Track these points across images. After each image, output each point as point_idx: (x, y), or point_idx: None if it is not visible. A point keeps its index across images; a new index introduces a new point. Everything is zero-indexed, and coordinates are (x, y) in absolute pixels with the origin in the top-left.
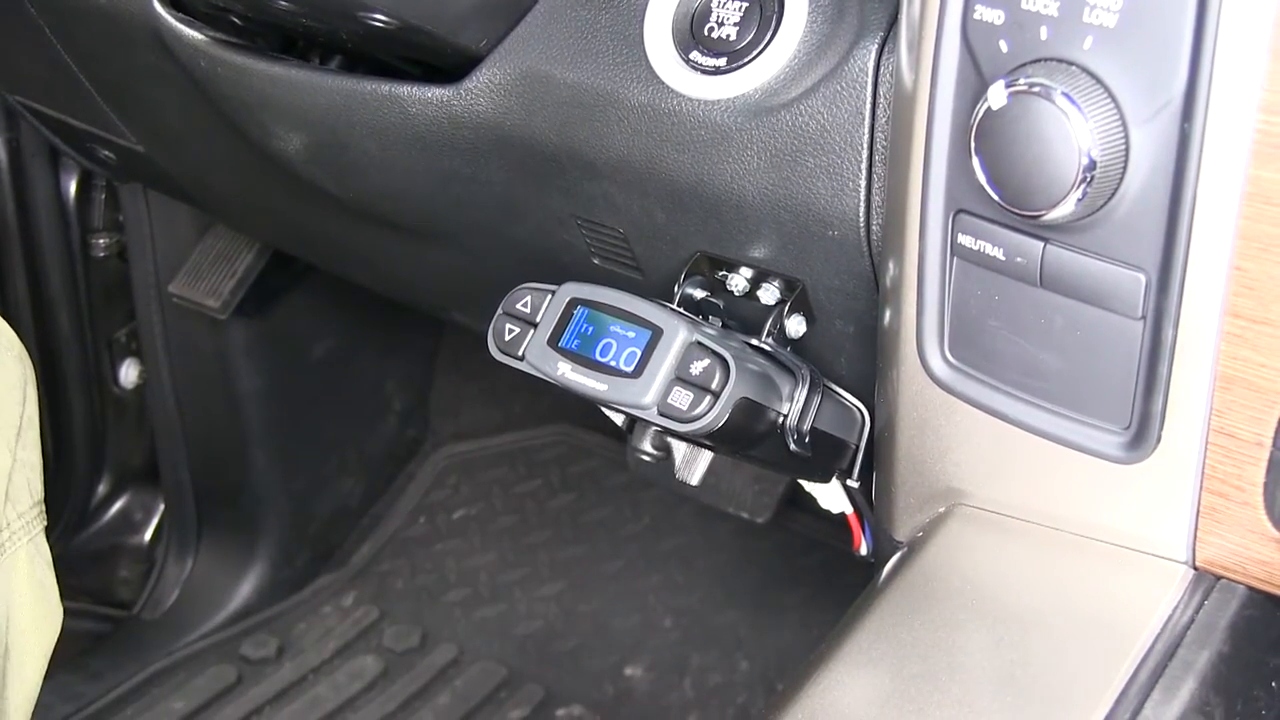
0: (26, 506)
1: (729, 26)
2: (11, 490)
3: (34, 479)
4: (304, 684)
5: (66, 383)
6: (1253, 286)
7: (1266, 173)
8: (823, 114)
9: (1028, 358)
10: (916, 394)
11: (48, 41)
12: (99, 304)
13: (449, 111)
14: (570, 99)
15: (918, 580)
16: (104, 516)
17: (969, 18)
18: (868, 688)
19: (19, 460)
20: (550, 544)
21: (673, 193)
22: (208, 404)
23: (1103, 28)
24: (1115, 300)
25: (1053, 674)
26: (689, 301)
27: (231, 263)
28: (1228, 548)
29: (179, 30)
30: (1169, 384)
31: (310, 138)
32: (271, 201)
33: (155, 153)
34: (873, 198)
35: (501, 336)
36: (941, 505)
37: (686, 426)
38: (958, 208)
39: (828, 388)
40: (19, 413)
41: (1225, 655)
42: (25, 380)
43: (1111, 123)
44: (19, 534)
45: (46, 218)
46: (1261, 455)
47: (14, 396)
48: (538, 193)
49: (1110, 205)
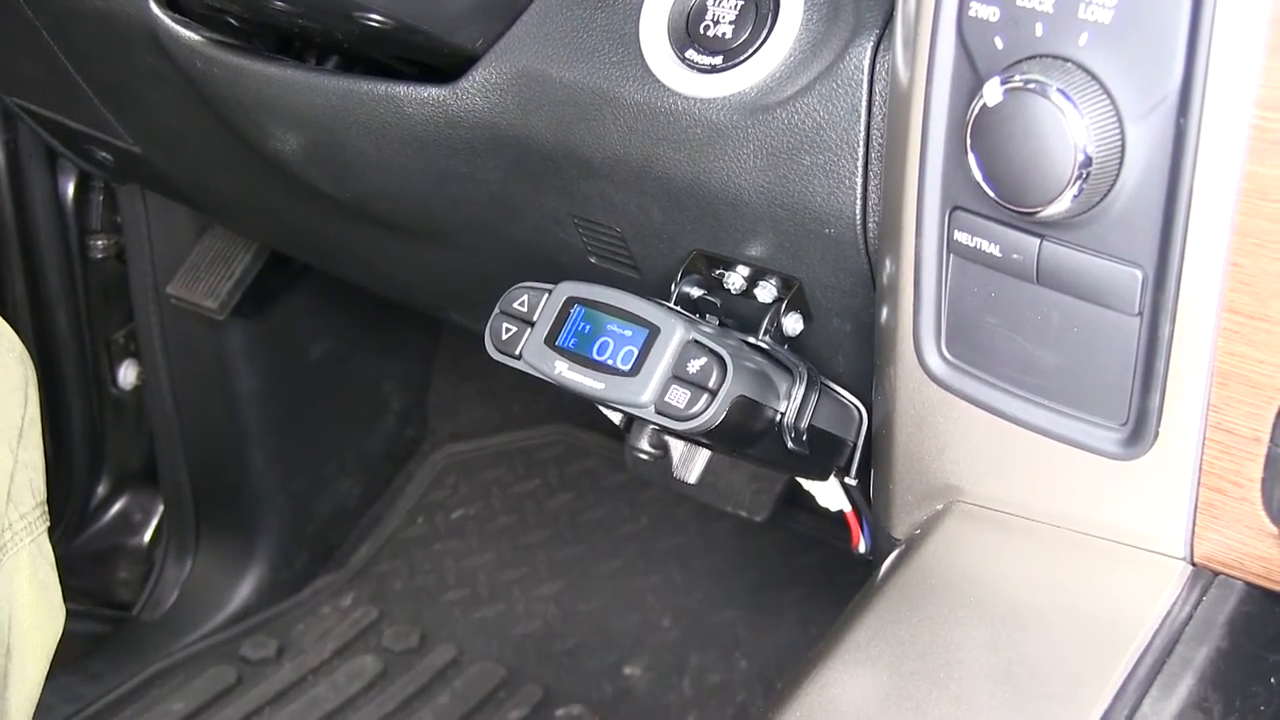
0: (29, 507)
1: (724, 25)
2: (14, 491)
3: (36, 479)
4: (303, 684)
5: (65, 384)
6: (1249, 282)
7: (1263, 168)
8: (819, 112)
9: (1025, 354)
10: (914, 391)
11: (45, 43)
12: (97, 305)
13: (445, 111)
14: (566, 98)
15: (916, 578)
16: (103, 518)
17: (964, 15)
18: (866, 686)
19: (21, 461)
20: (549, 544)
21: (669, 191)
22: (206, 405)
23: (1098, 24)
24: (1112, 296)
25: (1051, 671)
26: (686, 300)
27: (229, 264)
28: (1225, 543)
29: (175, 31)
30: (1166, 380)
31: (307, 138)
32: (269, 202)
33: (153, 154)
34: (869, 195)
35: (499, 336)
36: (939, 502)
37: (684, 425)
38: (954, 205)
39: (825, 385)
40: (21, 414)
41: (1223, 651)
42: (27, 381)
43: (1107, 119)
44: (21, 534)
45: (44, 219)
46: (1259, 451)
47: (15, 398)
48: (534, 192)
49: (1106, 201)
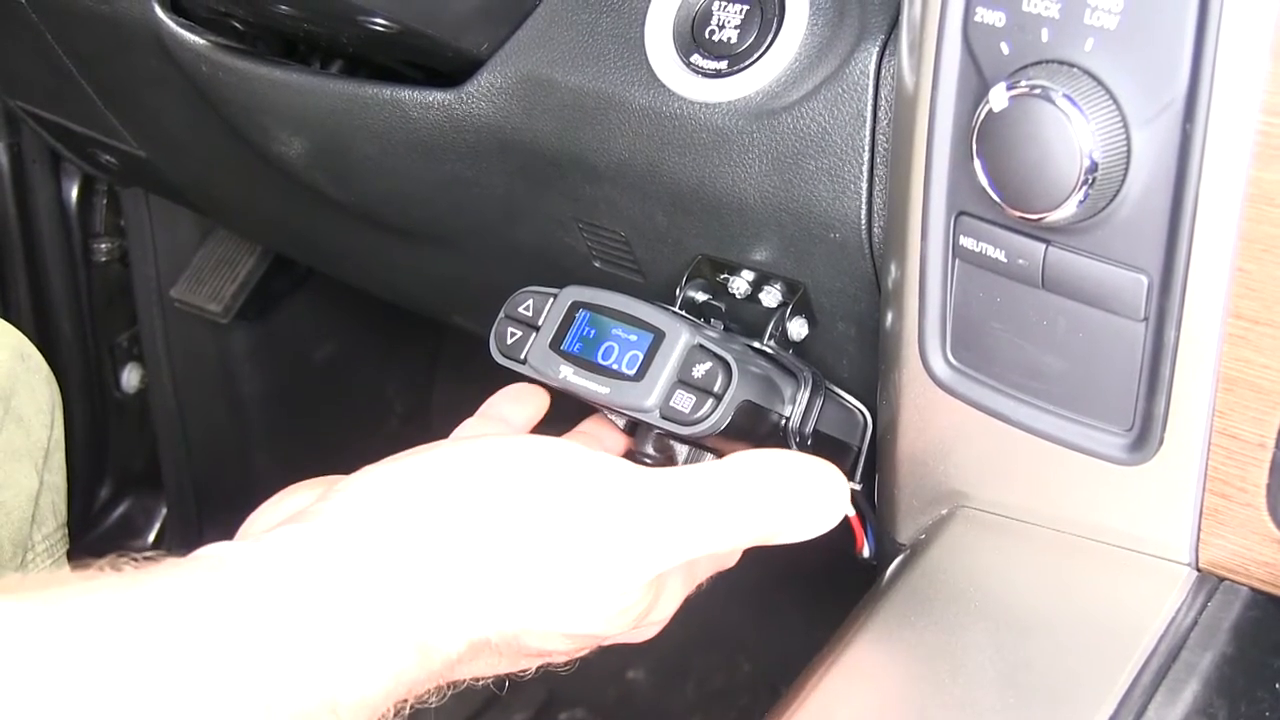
0: (52, 529)
1: (730, 29)
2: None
3: (59, 501)
4: None
5: (68, 388)
6: (1255, 288)
7: (1268, 174)
8: (824, 116)
9: (1030, 360)
10: (918, 396)
11: (49, 46)
12: (101, 309)
13: (450, 115)
14: (571, 102)
15: (920, 582)
16: (106, 521)
17: (970, 20)
18: (870, 690)
19: (46, 484)
20: None
21: (674, 196)
22: (209, 408)
23: (1104, 29)
24: (1117, 302)
25: (1056, 676)
26: (691, 304)
27: (233, 267)
28: (1231, 549)
29: (180, 35)
30: (1171, 386)
31: (311, 142)
32: (272, 206)
33: (157, 157)
34: (874, 200)
35: (503, 340)
36: (944, 507)
37: (689, 429)
38: (959, 210)
39: (830, 390)
40: (47, 435)
41: (1229, 657)
42: (54, 403)
43: (1113, 124)
44: (43, 556)
45: (48, 223)
46: (1264, 457)
47: (43, 419)
48: (539, 196)
49: (1112, 207)
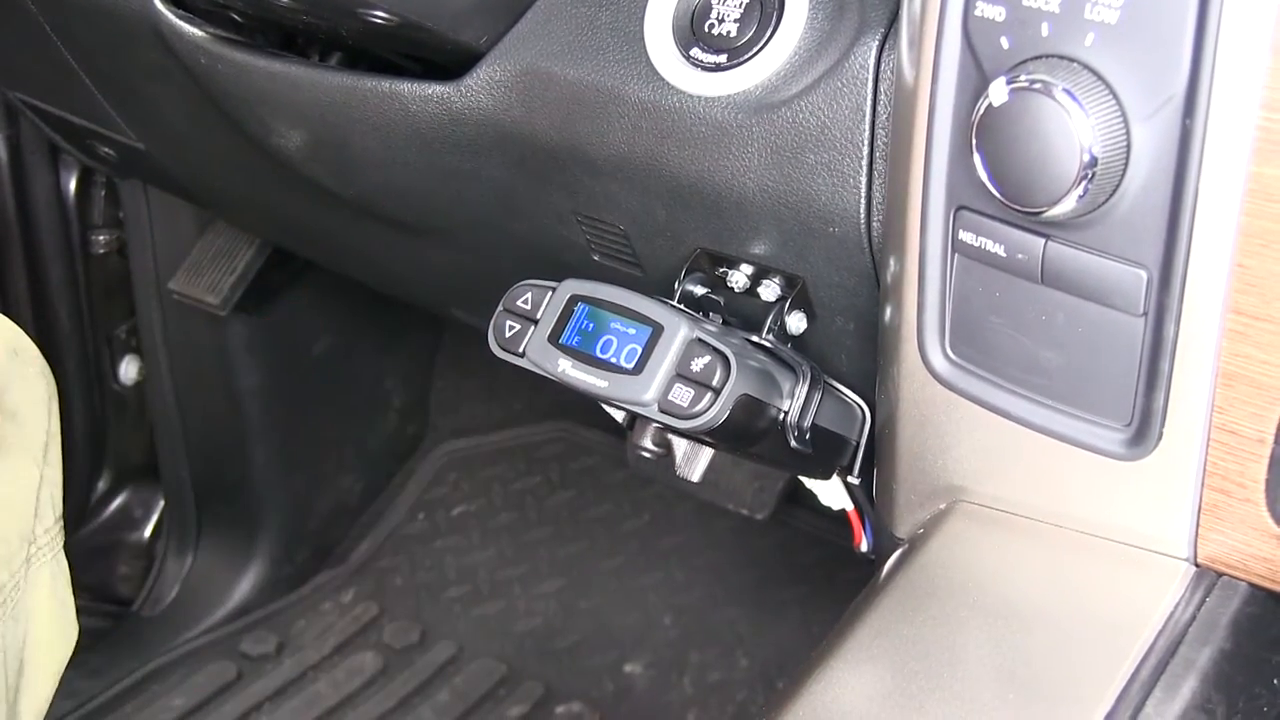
0: (50, 522)
1: (729, 23)
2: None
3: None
4: (303, 681)
5: (66, 379)
6: (1254, 283)
7: (1268, 169)
8: (823, 110)
9: (1029, 354)
10: (917, 390)
11: (48, 38)
12: (99, 301)
13: (449, 108)
14: (571, 96)
15: (918, 577)
16: (104, 513)
17: (970, 14)
18: (868, 685)
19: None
20: (550, 541)
21: (673, 189)
22: (207, 401)
23: (1104, 24)
24: (1117, 297)
25: (1054, 671)
26: (689, 298)
27: (232, 260)
28: (1229, 545)
29: (179, 27)
30: (1170, 381)
31: (310, 134)
32: (271, 198)
33: (155, 150)
34: (873, 194)
35: (502, 333)
36: (942, 502)
37: (687, 423)
38: (959, 204)
39: (828, 384)
40: (45, 428)
41: (1227, 652)
42: (50, 396)
43: (1113, 119)
44: (44, 549)
45: (46, 214)
46: (1263, 452)
47: (40, 412)
48: (538, 189)
49: (1111, 202)
